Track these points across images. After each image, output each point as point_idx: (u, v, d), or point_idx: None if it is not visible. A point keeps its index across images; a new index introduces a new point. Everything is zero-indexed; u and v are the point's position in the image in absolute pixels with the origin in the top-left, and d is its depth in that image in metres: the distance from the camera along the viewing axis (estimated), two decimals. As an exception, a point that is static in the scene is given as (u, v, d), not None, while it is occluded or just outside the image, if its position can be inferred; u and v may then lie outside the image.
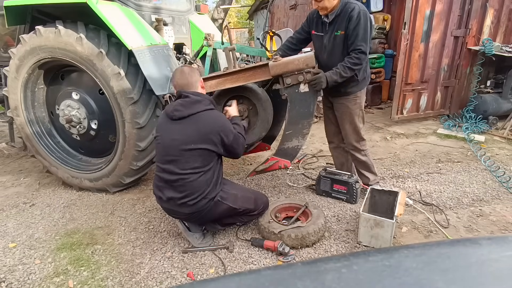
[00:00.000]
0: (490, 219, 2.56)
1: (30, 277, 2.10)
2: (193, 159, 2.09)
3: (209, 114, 2.15)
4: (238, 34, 18.86)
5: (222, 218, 2.36)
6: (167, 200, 2.16)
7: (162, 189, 2.18)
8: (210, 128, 2.10)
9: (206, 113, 2.13)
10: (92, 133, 3.16)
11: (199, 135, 2.08)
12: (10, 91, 3.18)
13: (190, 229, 2.32)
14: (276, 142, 3.06)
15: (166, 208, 2.26)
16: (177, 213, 2.22)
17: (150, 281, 2.03)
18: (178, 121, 2.12)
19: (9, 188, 3.44)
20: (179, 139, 2.09)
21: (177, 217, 2.30)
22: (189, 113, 2.10)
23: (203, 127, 2.10)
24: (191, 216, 2.21)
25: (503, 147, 4.12)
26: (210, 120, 2.13)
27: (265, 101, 2.63)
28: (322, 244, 2.30)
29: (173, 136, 2.12)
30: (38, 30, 2.79)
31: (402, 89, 4.98)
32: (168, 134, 2.15)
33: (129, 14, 2.88)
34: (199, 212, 2.17)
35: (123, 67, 2.71)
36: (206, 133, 2.09)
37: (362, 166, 2.90)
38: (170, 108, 2.17)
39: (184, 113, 2.10)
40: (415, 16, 4.65)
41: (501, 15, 5.02)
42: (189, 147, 2.07)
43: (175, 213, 2.24)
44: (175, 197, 2.12)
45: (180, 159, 2.09)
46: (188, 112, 2.10)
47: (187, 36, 3.88)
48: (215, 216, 2.28)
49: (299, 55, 2.46)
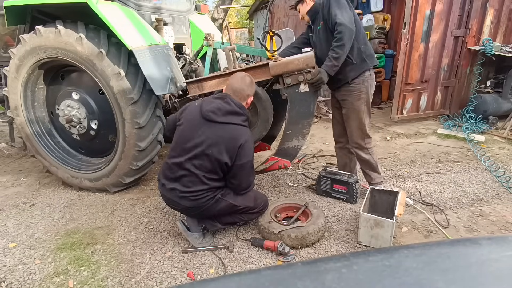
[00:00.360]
0: (490, 219, 2.56)
1: (30, 277, 2.10)
2: (208, 164, 2.09)
3: (239, 129, 2.13)
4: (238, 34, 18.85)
5: (222, 215, 2.36)
6: (170, 189, 2.17)
7: (168, 178, 2.19)
8: (233, 143, 2.08)
9: (237, 127, 2.12)
10: (92, 133, 3.16)
11: (221, 146, 2.07)
12: (10, 91, 3.18)
13: (190, 229, 2.32)
14: (276, 142, 3.06)
15: (166, 197, 2.26)
16: (176, 204, 2.22)
17: (150, 281, 2.03)
18: (208, 122, 2.11)
19: (9, 188, 3.44)
20: (201, 139, 2.09)
21: (176, 209, 2.31)
22: (221, 121, 2.09)
23: (228, 140, 2.08)
24: (190, 209, 2.22)
25: (503, 147, 4.12)
26: (237, 135, 2.11)
27: (265, 101, 2.63)
28: (322, 244, 2.30)
29: (197, 134, 2.11)
30: (38, 30, 2.79)
31: (402, 89, 4.99)
32: (193, 129, 2.13)
33: (129, 14, 2.89)
34: (198, 207, 2.18)
35: (123, 67, 2.71)
36: (227, 147, 2.08)
37: (366, 165, 2.88)
38: (207, 106, 2.13)
39: (218, 119, 2.09)
40: (415, 16, 4.65)
41: (501, 15, 5.02)
42: (208, 152, 2.07)
43: (174, 203, 2.24)
44: (178, 189, 2.14)
45: (195, 158, 2.10)
46: (222, 119, 2.10)
47: (187, 36, 3.88)
48: (215, 212, 2.28)
49: (299, 55, 2.46)
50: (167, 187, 2.18)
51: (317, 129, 5.23)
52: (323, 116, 5.94)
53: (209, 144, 2.07)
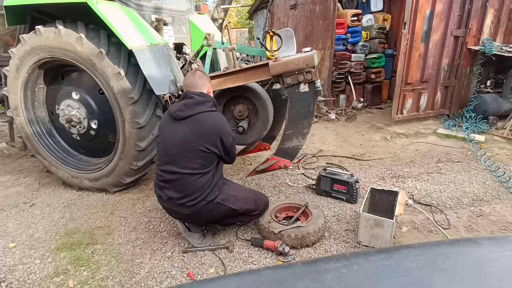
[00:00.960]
0: (490, 219, 2.56)
1: (30, 277, 2.10)
2: (193, 159, 2.09)
3: (210, 116, 2.16)
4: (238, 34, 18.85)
5: (223, 219, 2.36)
6: (167, 199, 2.17)
7: (162, 189, 2.19)
8: (210, 129, 2.11)
9: (207, 114, 2.14)
10: (92, 133, 3.16)
11: (200, 135, 2.09)
12: (10, 91, 3.18)
13: (190, 229, 2.32)
14: (276, 142, 3.06)
15: (166, 208, 2.27)
16: (177, 213, 2.23)
17: (150, 281, 2.03)
18: (180, 121, 2.14)
19: (9, 188, 3.44)
20: (180, 138, 2.11)
21: (177, 217, 2.31)
22: (191, 113, 2.12)
23: (204, 127, 2.11)
24: (190, 216, 2.21)
25: (503, 147, 4.12)
26: (211, 122, 2.14)
27: (265, 100, 2.63)
28: (322, 244, 2.30)
29: (174, 136, 2.13)
30: (38, 30, 2.79)
31: (402, 89, 4.99)
32: (169, 134, 2.17)
33: (129, 14, 2.88)
34: (198, 213, 2.17)
35: (123, 67, 2.71)
36: (206, 134, 2.10)
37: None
38: (174, 108, 2.19)
39: (187, 114, 2.12)
40: (415, 16, 4.65)
41: (501, 15, 5.02)
42: (190, 147, 2.08)
43: (175, 213, 2.25)
44: (174, 197, 2.13)
45: (180, 159, 2.10)
46: (190, 112, 2.12)
47: (187, 36, 3.88)
48: (216, 217, 2.28)
49: (299, 54, 2.46)
50: (164, 198, 2.18)
51: (317, 129, 5.22)
52: (323, 116, 5.95)
53: (188, 140, 2.08)
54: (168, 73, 2.82)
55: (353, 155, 4.02)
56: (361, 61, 6.20)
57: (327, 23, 5.82)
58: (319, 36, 6.04)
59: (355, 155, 4.03)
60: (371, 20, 6.41)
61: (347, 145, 4.44)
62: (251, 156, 3.96)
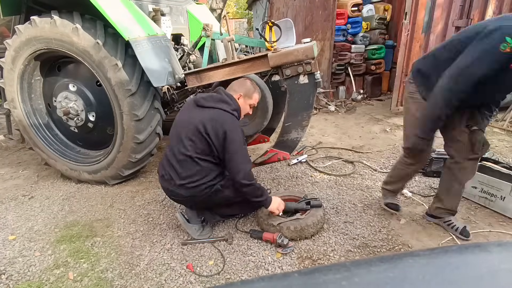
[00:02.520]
0: (488, 211, 2.57)
1: (30, 269, 2.11)
2: (198, 143, 2.12)
3: (228, 115, 2.18)
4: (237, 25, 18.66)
5: (221, 207, 2.36)
6: (168, 179, 2.19)
7: (166, 167, 2.22)
8: (218, 124, 2.10)
9: (226, 114, 2.17)
10: (90, 125, 3.14)
11: (208, 125, 2.10)
12: (7, 83, 3.15)
13: (190, 221, 2.32)
14: (275, 134, 3.05)
15: (165, 188, 2.28)
16: (174, 194, 2.24)
17: (150, 272, 2.04)
18: (199, 108, 2.20)
19: (7, 181, 3.44)
20: (192, 122, 2.14)
21: (174, 199, 2.33)
22: (212, 105, 2.18)
23: (215, 121, 2.11)
24: (188, 199, 2.23)
25: (503, 138, 4.11)
26: (226, 118, 2.15)
27: (264, 92, 2.61)
28: (321, 236, 2.31)
29: (189, 119, 2.18)
30: (33, 20, 2.74)
31: (402, 81, 4.96)
32: (185, 116, 2.23)
33: (126, 4, 2.83)
34: (197, 197, 2.19)
35: (120, 58, 2.68)
36: (213, 127, 2.09)
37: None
38: (200, 95, 2.28)
39: (208, 104, 2.19)
40: (416, 6, 4.59)
41: (503, 5, 4.95)
42: (196, 131, 2.11)
43: (172, 193, 2.26)
44: (176, 177, 2.16)
45: (190, 142, 2.12)
46: (212, 105, 2.18)
47: (185, 27, 3.83)
48: (213, 202, 2.29)
49: (298, 45, 2.42)
50: (166, 177, 2.22)
51: (316, 121, 5.21)
52: (322, 108, 5.92)
53: (197, 124, 2.11)
54: (166, 65, 2.79)
55: (352, 147, 4.01)
56: (361, 52, 6.14)
57: (327, 13, 5.74)
58: (318, 27, 5.97)
59: (354, 147, 4.03)
60: (372, 10, 6.33)
61: (346, 137, 4.43)
62: (250, 149, 3.95)
